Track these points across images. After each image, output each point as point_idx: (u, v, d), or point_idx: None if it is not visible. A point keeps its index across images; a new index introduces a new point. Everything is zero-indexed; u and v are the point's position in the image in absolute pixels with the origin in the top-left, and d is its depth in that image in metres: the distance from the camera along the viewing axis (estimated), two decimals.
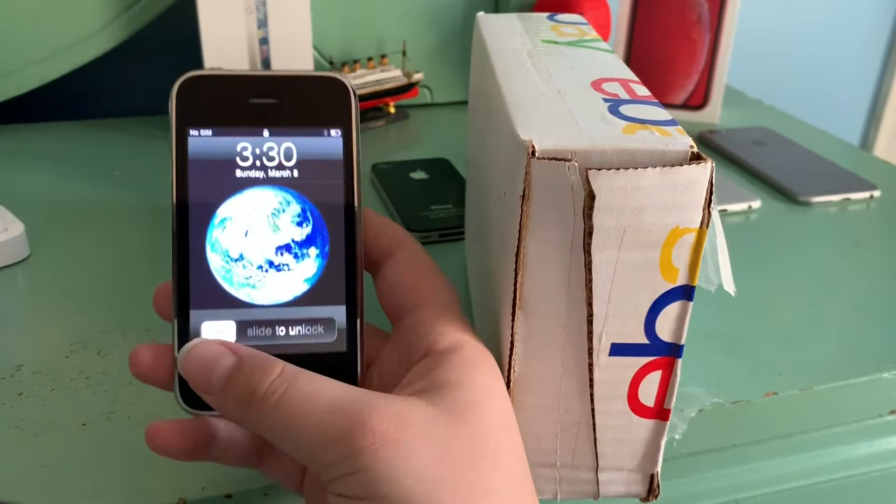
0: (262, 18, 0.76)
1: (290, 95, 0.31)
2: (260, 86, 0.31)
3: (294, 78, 0.31)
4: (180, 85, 0.30)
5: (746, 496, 0.49)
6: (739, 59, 0.99)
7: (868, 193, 0.69)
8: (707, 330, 0.48)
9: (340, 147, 0.31)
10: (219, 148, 0.30)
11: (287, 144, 0.31)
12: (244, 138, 0.30)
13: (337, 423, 0.25)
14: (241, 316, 0.30)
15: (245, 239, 0.30)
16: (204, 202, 0.30)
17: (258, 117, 0.30)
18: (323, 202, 0.31)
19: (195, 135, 0.30)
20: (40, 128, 0.79)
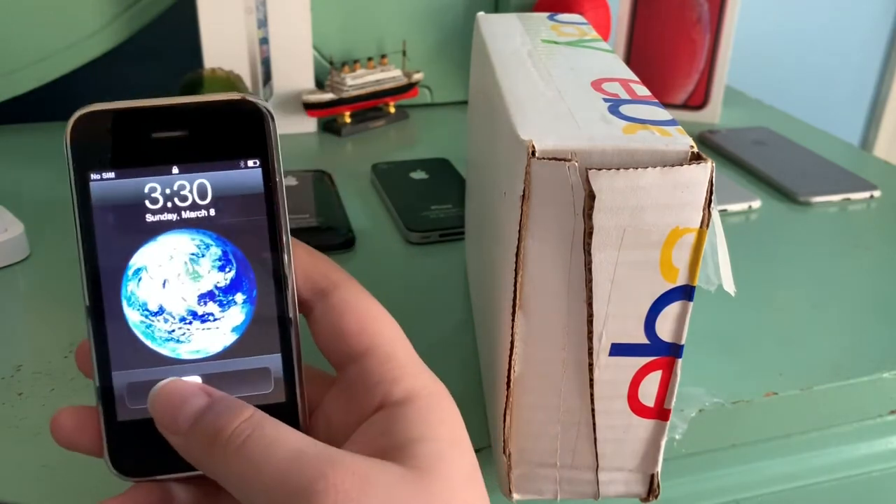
0: (262, 18, 0.76)
1: (198, 125, 0.28)
2: (163, 117, 0.27)
3: (199, 105, 0.28)
4: (74, 123, 0.27)
5: (746, 496, 0.49)
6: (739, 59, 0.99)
7: (868, 193, 0.69)
8: (707, 330, 0.48)
9: (260, 178, 0.28)
10: (125, 192, 0.27)
11: (200, 181, 0.28)
12: (151, 178, 0.27)
13: (298, 473, 0.24)
14: (168, 373, 0.28)
15: (163, 290, 0.28)
16: (114, 253, 0.27)
17: (164, 153, 0.27)
18: (246, 242, 0.28)
19: (97, 178, 0.27)
20: (40, 128, 0.79)
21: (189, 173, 0.28)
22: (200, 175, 0.28)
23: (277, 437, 0.25)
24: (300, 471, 0.24)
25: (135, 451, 0.28)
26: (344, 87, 0.79)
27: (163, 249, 0.28)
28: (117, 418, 0.28)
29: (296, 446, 0.25)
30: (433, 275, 0.55)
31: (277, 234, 0.28)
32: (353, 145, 0.79)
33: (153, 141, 0.27)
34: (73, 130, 0.27)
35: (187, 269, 0.28)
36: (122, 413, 0.28)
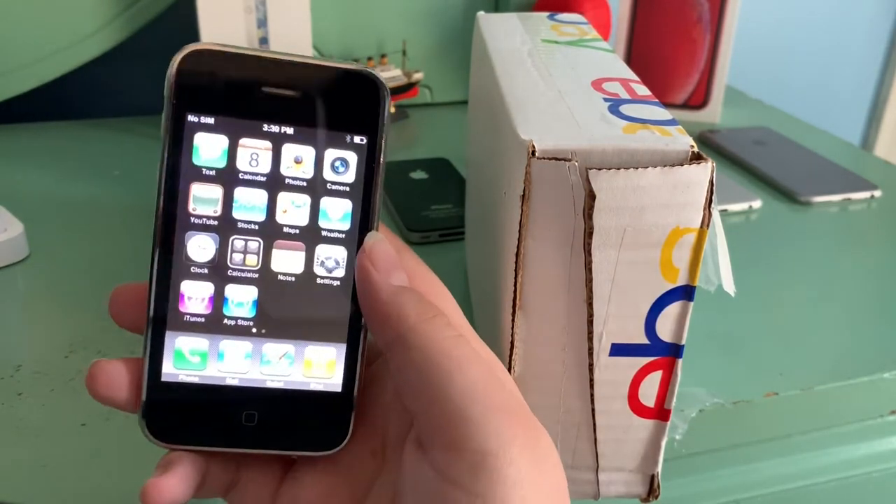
0: (262, 18, 0.76)
1: (312, 88, 0.26)
2: (279, 72, 0.26)
3: (319, 67, 0.26)
4: (183, 58, 0.26)
5: (747, 496, 0.49)
6: (740, 59, 0.99)
7: (869, 193, 0.69)
8: (707, 330, 0.48)
9: (364, 156, 0.27)
10: (220, 139, 0.26)
11: (301, 144, 0.27)
12: (251, 132, 0.26)
13: (499, 398, 0.24)
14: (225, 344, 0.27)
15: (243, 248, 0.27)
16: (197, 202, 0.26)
17: (272, 109, 0.26)
18: (335, 218, 0.27)
19: (194, 120, 0.26)
20: (40, 128, 0.79)
21: (292, 135, 0.27)
22: (303, 139, 0.27)
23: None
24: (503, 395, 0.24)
25: (171, 416, 0.27)
26: None
27: (248, 206, 0.26)
28: (161, 378, 0.26)
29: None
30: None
31: (369, 216, 0.27)
32: None
33: (263, 95, 0.26)
34: (181, 65, 0.26)
35: (272, 226, 0.27)
36: (168, 373, 0.26)
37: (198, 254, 0.27)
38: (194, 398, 0.27)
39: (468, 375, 0.23)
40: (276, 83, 0.26)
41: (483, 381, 0.24)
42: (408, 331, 0.24)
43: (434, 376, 0.23)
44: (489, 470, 0.22)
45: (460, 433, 0.23)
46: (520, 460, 0.22)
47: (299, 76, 0.26)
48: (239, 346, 0.27)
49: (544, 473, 0.23)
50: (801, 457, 0.49)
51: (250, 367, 0.27)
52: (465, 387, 0.23)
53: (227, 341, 0.27)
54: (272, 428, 0.27)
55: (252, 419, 0.27)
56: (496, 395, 0.24)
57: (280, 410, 0.27)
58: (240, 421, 0.27)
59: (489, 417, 0.23)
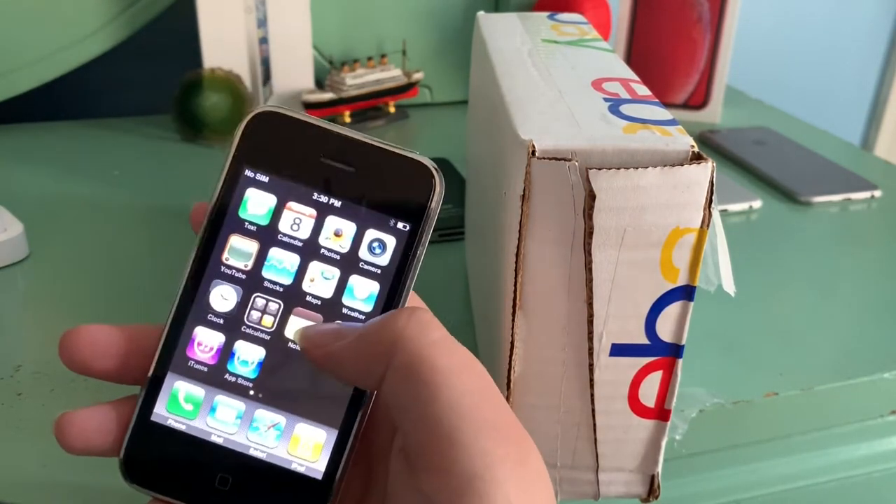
0: (262, 18, 0.76)
1: (369, 166, 0.27)
2: (340, 145, 0.27)
3: (379, 149, 0.27)
4: (252, 118, 0.27)
5: (747, 496, 0.49)
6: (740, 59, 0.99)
7: (869, 193, 0.69)
8: (708, 330, 0.48)
9: (404, 243, 0.27)
10: (268, 198, 0.27)
11: (345, 219, 0.27)
12: (300, 198, 0.27)
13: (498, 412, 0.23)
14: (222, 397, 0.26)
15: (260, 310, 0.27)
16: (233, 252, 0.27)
17: (326, 180, 0.27)
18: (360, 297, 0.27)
19: (251, 175, 0.27)
20: (40, 128, 0.79)
21: (338, 208, 0.27)
22: (348, 214, 0.27)
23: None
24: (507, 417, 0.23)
25: (149, 459, 0.26)
26: (344, 86, 0.79)
27: (278, 267, 0.27)
28: (151, 417, 0.26)
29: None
30: (433, 275, 0.55)
31: (394, 302, 0.27)
32: None
33: (319, 164, 0.27)
34: (250, 122, 0.27)
35: (295, 295, 0.27)
36: (159, 414, 0.26)
37: (219, 303, 0.27)
38: (176, 447, 0.26)
39: (455, 389, 0.22)
40: (335, 156, 0.27)
41: (471, 394, 0.23)
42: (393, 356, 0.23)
43: (420, 393, 0.22)
44: (475, 494, 0.21)
45: (447, 455, 0.22)
46: (507, 482, 0.22)
47: (359, 154, 0.27)
48: (233, 404, 0.26)
49: (533, 493, 0.22)
50: (801, 457, 0.49)
51: (238, 429, 0.26)
52: (451, 403, 0.22)
53: (222, 396, 0.26)
54: (243, 497, 0.26)
55: (226, 483, 0.26)
56: (485, 409, 0.23)
57: (255, 482, 0.26)
58: (213, 482, 0.26)
59: (477, 436, 0.22)
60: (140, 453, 0.26)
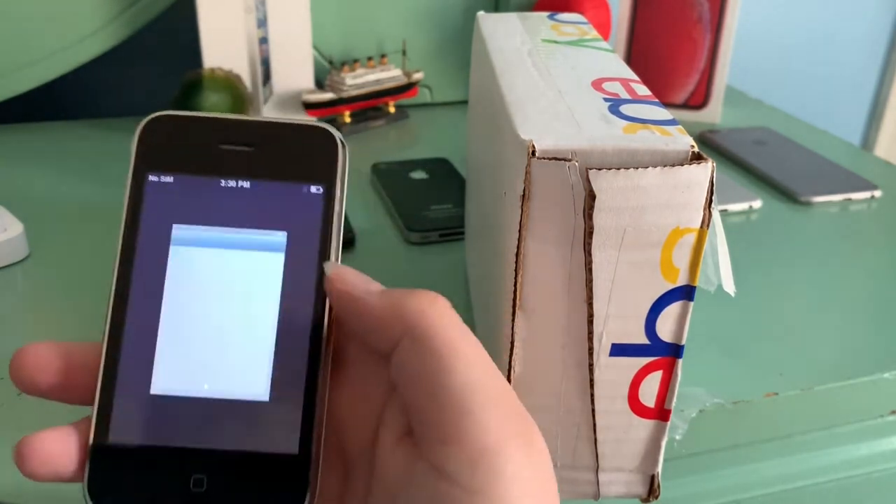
0: (262, 18, 0.76)
1: (268, 143, 0.27)
2: (235, 130, 0.27)
3: (274, 123, 0.28)
4: (145, 125, 0.27)
5: (747, 496, 0.49)
6: (740, 59, 0.99)
7: (869, 193, 0.69)
8: (708, 330, 0.48)
9: (321, 205, 0.27)
10: (179, 196, 0.27)
11: (258, 197, 0.27)
12: (209, 187, 0.27)
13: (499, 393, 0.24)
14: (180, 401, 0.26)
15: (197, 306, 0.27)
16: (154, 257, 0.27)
17: (228, 165, 0.27)
18: (293, 268, 0.27)
19: (154, 179, 0.27)
20: (40, 128, 0.79)
21: (248, 189, 0.27)
22: (259, 192, 0.27)
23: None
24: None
25: (120, 483, 0.25)
26: (344, 86, 0.79)
27: (206, 262, 0.27)
28: (108, 439, 0.25)
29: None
30: (433, 275, 0.55)
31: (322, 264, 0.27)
32: (352, 145, 0.79)
33: (219, 151, 0.27)
34: (143, 131, 0.27)
35: (226, 287, 0.27)
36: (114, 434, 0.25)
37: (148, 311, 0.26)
38: (141, 462, 0.25)
39: (470, 365, 0.23)
40: (233, 140, 0.27)
41: (484, 375, 0.23)
42: (414, 325, 0.24)
43: (438, 368, 0.23)
44: (487, 465, 0.22)
45: (460, 426, 0.22)
46: (516, 456, 0.22)
47: (255, 133, 0.27)
48: (189, 406, 0.26)
49: (539, 471, 0.23)
50: (801, 457, 0.49)
51: (200, 427, 0.26)
52: (467, 380, 0.23)
53: (176, 401, 0.26)
54: (223, 492, 0.25)
55: (201, 484, 0.25)
56: (496, 387, 0.23)
57: (231, 474, 0.25)
58: (188, 486, 0.25)
59: (489, 412, 0.22)
60: (106, 478, 0.25)
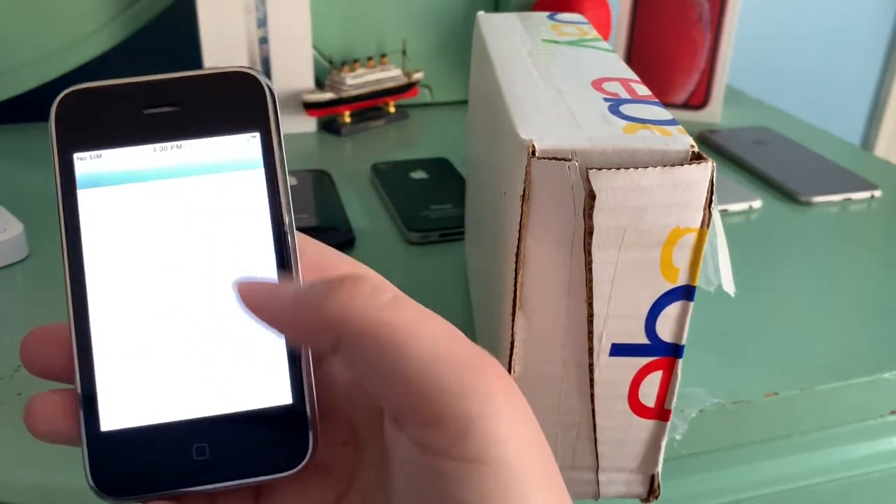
0: (262, 18, 0.76)
1: (191, 99, 0.26)
2: (154, 92, 0.26)
3: (192, 78, 0.26)
4: (59, 102, 0.25)
5: (747, 496, 0.49)
6: (740, 59, 0.99)
7: (869, 193, 0.69)
8: (708, 330, 0.48)
9: (259, 152, 0.26)
10: (112, 171, 0.25)
11: (193, 157, 0.26)
12: (141, 156, 0.25)
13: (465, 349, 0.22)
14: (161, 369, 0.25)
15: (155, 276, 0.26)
16: (101, 237, 0.25)
17: (155, 130, 0.26)
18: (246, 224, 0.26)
19: (83, 158, 0.25)
20: (40, 128, 0.79)
21: (181, 148, 0.26)
22: (195, 150, 0.26)
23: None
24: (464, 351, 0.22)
25: (122, 469, 0.25)
26: (344, 86, 0.79)
27: (155, 232, 0.25)
28: (99, 427, 0.25)
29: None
30: (433, 275, 0.55)
31: (279, 214, 0.26)
32: (352, 145, 0.79)
33: (142, 117, 0.26)
34: (58, 109, 0.25)
35: (181, 254, 0.25)
36: (106, 421, 0.25)
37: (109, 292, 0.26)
38: (140, 443, 0.25)
39: (423, 340, 0.21)
40: (156, 102, 0.26)
41: (440, 340, 0.22)
42: (343, 330, 0.22)
43: (388, 355, 0.21)
44: (477, 433, 0.21)
45: (437, 404, 0.21)
46: (503, 415, 0.21)
47: (177, 90, 0.26)
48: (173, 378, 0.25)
49: (527, 424, 0.22)
50: (801, 457, 0.49)
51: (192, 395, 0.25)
52: (423, 354, 0.21)
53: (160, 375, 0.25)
54: (227, 455, 0.25)
55: (203, 452, 0.25)
56: (459, 351, 0.22)
57: (232, 436, 0.25)
58: (191, 457, 0.25)
59: (462, 379, 0.21)
60: (107, 467, 0.25)
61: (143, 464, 0.25)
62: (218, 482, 0.25)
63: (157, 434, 0.25)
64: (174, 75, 0.26)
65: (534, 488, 0.21)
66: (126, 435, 0.25)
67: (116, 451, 0.25)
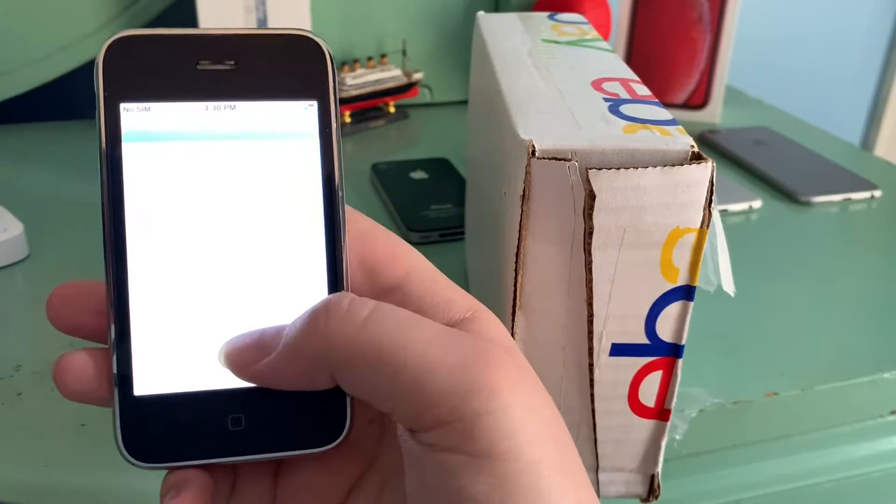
0: (262, 18, 0.76)
1: (249, 59, 0.24)
2: (212, 47, 0.24)
3: (251, 37, 0.25)
4: (108, 47, 0.24)
5: (747, 496, 0.49)
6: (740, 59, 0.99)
7: (869, 193, 0.69)
8: (708, 330, 0.48)
9: (316, 122, 0.25)
10: (161, 126, 0.24)
11: (247, 120, 0.25)
12: (192, 113, 0.24)
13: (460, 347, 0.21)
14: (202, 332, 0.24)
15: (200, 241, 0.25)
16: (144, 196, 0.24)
17: (210, 86, 0.24)
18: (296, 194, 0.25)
19: (131, 110, 0.24)
20: (40, 128, 0.79)
21: (235, 110, 0.24)
22: (249, 112, 0.25)
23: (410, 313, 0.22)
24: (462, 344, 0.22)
25: (155, 434, 0.24)
26: (343, 86, 0.79)
27: (201, 194, 0.24)
28: (133, 392, 0.24)
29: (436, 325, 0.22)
30: None
31: (331, 186, 0.25)
32: (352, 145, 0.79)
33: (198, 72, 0.24)
34: (107, 55, 0.24)
35: (227, 219, 0.24)
36: (141, 386, 0.24)
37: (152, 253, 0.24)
38: (174, 410, 0.24)
39: (412, 349, 0.21)
40: (211, 57, 0.24)
41: (429, 344, 0.21)
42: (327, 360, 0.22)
43: (380, 372, 0.21)
44: (483, 429, 0.20)
45: (439, 410, 0.21)
46: (510, 408, 0.21)
47: (234, 47, 0.24)
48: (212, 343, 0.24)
49: (539, 411, 0.22)
50: (801, 457, 0.49)
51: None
52: (416, 363, 0.21)
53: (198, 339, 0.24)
54: (263, 427, 0.25)
55: (239, 423, 0.24)
56: (454, 350, 0.21)
57: (269, 407, 0.25)
58: (227, 427, 0.24)
59: (461, 379, 0.21)
60: (139, 432, 0.24)
61: (177, 431, 0.24)
62: (251, 454, 0.25)
63: (192, 402, 0.24)
64: (232, 31, 0.25)
65: (547, 476, 0.21)
66: (160, 401, 0.24)
67: (149, 417, 0.24)
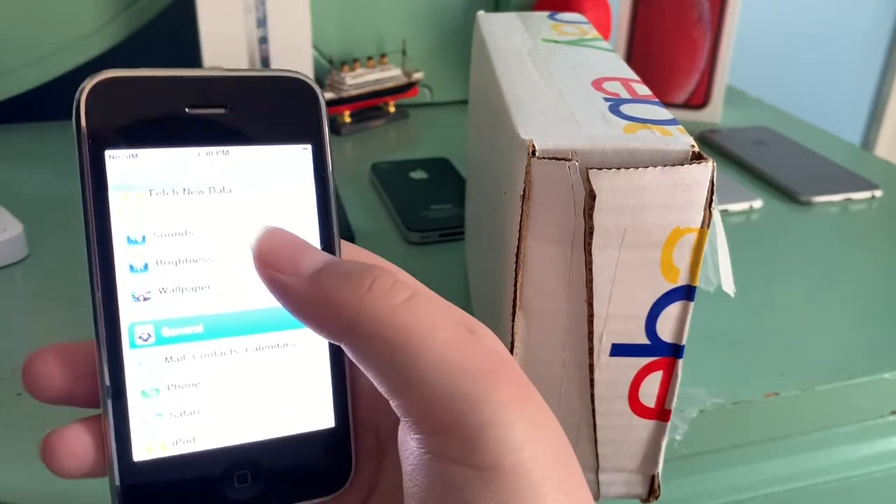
0: (262, 17, 0.76)
1: (240, 101, 0.23)
2: (200, 89, 0.23)
3: (241, 79, 0.24)
4: (91, 89, 0.22)
5: (747, 497, 0.49)
6: (740, 59, 0.99)
7: (869, 193, 0.69)
8: (708, 330, 0.48)
9: (310, 166, 0.24)
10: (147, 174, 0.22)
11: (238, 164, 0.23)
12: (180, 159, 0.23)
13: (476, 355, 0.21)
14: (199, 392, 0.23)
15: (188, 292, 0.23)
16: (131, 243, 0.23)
17: (198, 131, 0.23)
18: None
19: (115, 157, 0.22)
20: (40, 128, 0.79)
21: (227, 156, 0.23)
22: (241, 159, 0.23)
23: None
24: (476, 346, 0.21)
25: (157, 495, 0.23)
26: (343, 86, 0.79)
27: (195, 244, 0.23)
28: (132, 456, 0.23)
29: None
30: (433, 275, 0.55)
31: (328, 232, 0.24)
32: (352, 145, 0.79)
33: (186, 117, 0.23)
34: (88, 99, 0.22)
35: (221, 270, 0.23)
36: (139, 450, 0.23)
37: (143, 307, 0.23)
38: (177, 471, 0.23)
39: (435, 344, 0.21)
40: (200, 102, 0.23)
41: (452, 345, 0.21)
42: (352, 320, 0.21)
43: (398, 359, 0.21)
44: (490, 441, 0.20)
45: (449, 411, 0.20)
46: (518, 423, 0.21)
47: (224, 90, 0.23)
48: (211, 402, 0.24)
49: (545, 429, 0.22)
50: (801, 457, 0.49)
51: (232, 421, 0.24)
52: (436, 361, 0.21)
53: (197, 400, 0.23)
54: (271, 480, 0.24)
55: (245, 479, 0.24)
56: (473, 355, 0.21)
57: (275, 460, 0.24)
58: (233, 483, 0.24)
59: (475, 387, 0.21)
60: (142, 500, 0.23)
61: (180, 494, 0.23)
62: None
63: (195, 462, 0.23)
64: (221, 73, 0.23)
65: (551, 495, 0.21)
66: (161, 464, 0.23)
67: (151, 482, 0.23)
